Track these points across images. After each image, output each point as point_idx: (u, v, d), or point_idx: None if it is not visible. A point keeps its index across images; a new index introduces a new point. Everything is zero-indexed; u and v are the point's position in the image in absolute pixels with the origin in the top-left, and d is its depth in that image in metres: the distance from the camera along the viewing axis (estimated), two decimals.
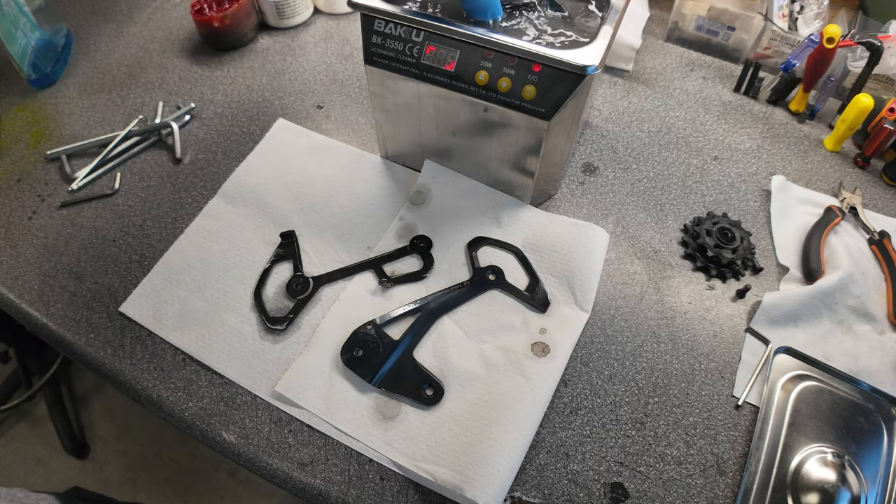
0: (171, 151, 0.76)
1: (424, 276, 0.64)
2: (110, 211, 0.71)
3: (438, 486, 0.50)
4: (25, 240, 0.68)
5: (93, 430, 1.33)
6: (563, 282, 0.63)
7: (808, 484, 0.52)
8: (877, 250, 0.66)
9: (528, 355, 0.57)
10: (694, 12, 0.85)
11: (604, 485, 0.52)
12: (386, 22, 0.58)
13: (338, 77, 0.85)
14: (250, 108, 0.81)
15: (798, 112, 0.80)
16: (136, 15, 0.95)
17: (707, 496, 0.52)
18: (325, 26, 0.92)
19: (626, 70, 0.85)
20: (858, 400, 0.56)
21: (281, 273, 0.64)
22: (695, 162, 0.75)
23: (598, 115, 0.80)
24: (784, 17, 0.81)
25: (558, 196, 0.72)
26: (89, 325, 0.61)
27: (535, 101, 0.55)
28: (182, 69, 0.86)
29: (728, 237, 0.66)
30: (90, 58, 0.88)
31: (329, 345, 0.58)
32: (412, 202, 0.70)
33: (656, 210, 0.71)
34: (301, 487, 0.53)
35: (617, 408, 0.56)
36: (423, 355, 0.58)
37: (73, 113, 0.81)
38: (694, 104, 0.82)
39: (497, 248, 0.66)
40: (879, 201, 0.72)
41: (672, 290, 0.64)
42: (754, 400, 0.57)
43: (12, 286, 0.64)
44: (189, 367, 0.59)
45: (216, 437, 0.55)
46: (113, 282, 0.64)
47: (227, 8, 0.84)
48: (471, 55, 0.56)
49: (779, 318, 0.61)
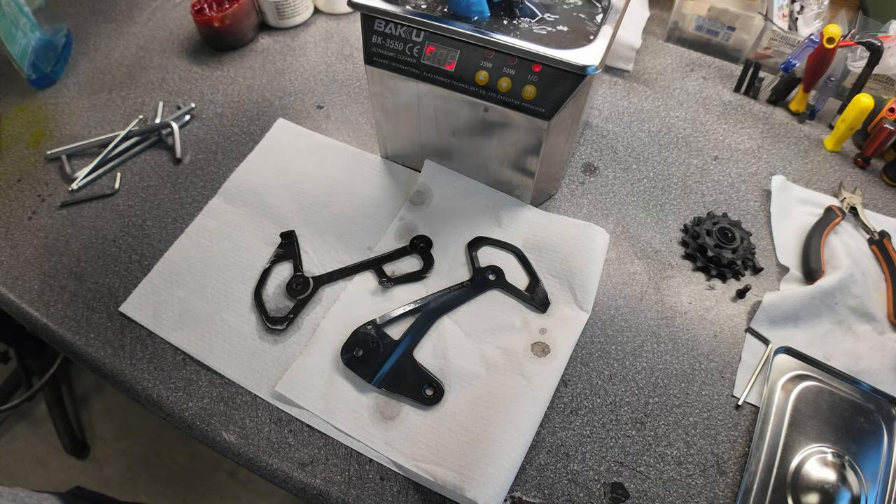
0: (171, 151, 0.76)
1: (424, 276, 0.64)
2: (110, 211, 0.71)
3: (438, 486, 0.50)
4: (25, 240, 0.68)
5: (93, 429, 1.33)
6: (564, 282, 0.63)
7: (808, 484, 0.52)
8: (877, 250, 0.66)
9: (528, 355, 0.57)
10: (694, 12, 0.85)
11: (604, 485, 0.52)
12: (386, 22, 0.58)
13: (338, 77, 0.85)
14: (250, 108, 0.81)
15: (798, 112, 0.80)
16: (137, 15, 0.95)
17: (707, 496, 0.52)
18: (325, 26, 0.92)
19: (626, 70, 0.85)
20: (858, 400, 0.56)
21: (281, 273, 0.64)
22: (695, 162, 0.75)
23: (599, 115, 0.80)
24: (784, 17, 0.81)
25: (558, 196, 0.72)
26: (89, 325, 0.61)
27: (535, 101, 0.55)
28: (182, 69, 0.86)
29: (728, 237, 0.66)
30: (90, 58, 0.88)
31: (329, 345, 0.58)
32: (412, 202, 0.70)
33: (656, 210, 0.71)
34: (301, 487, 0.53)
35: (617, 408, 0.56)
36: (423, 355, 0.58)
37: (73, 113, 0.81)
38: (694, 104, 0.82)
39: (497, 248, 0.66)
40: (879, 201, 0.72)
41: (672, 290, 0.64)
42: (754, 400, 0.57)
43: (12, 286, 0.64)
44: (189, 367, 0.59)
45: (216, 437, 0.55)
46: (113, 282, 0.64)
47: (228, 8, 0.84)
48: (471, 55, 0.56)
49: (779, 318, 0.61)
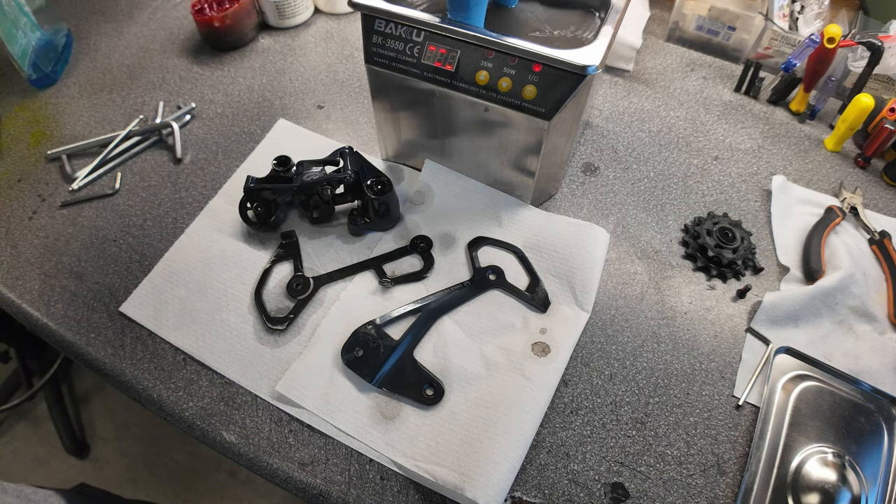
0: (171, 151, 0.76)
1: (425, 276, 0.64)
2: (111, 211, 0.71)
3: (439, 486, 0.50)
4: (26, 240, 0.68)
5: (93, 429, 1.33)
6: (564, 282, 0.63)
7: (808, 484, 0.52)
8: (877, 250, 0.66)
9: (529, 355, 0.57)
10: (694, 12, 0.85)
11: (604, 485, 0.52)
12: (386, 22, 0.58)
13: (338, 77, 0.85)
14: (251, 107, 0.81)
15: (799, 112, 0.80)
16: (137, 15, 0.95)
17: (707, 496, 0.52)
18: (325, 26, 0.92)
19: (626, 70, 0.85)
20: (859, 400, 0.56)
21: (281, 273, 0.64)
22: (695, 162, 0.75)
23: (599, 114, 0.80)
24: (784, 17, 0.81)
25: (559, 196, 0.72)
26: (90, 325, 0.61)
27: (535, 100, 0.55)
28: (182, 69, 0.86)
29: (728, 237, 0.66)
30: (91, 57, 0.88)
31: (329, 345, 0.58)
32: (413, 202, 0.70)
33: (657, 210, 0.71)
34: (301, 487, 0.53)
35: (617, 408, 0.56)
36: (423, 355, 0.58)
37: (73, 113, 0.81)
38: (694, 104, 0.82)
39: (497, 247, 0.66)
40: (880, 201, 0.72)
41: (672, 290, 0.64)
42: (755, 400, 0.57)
43: (13, 286, 0.64)
44: (189, 367, 0.59)
45: (217, 436, 0.55)
46: (113, 282, 0.64)
47: (228, 8, 0.84)
48: (471, 55, 0.56)
49: (779, 318, 0.61)
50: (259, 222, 0.66)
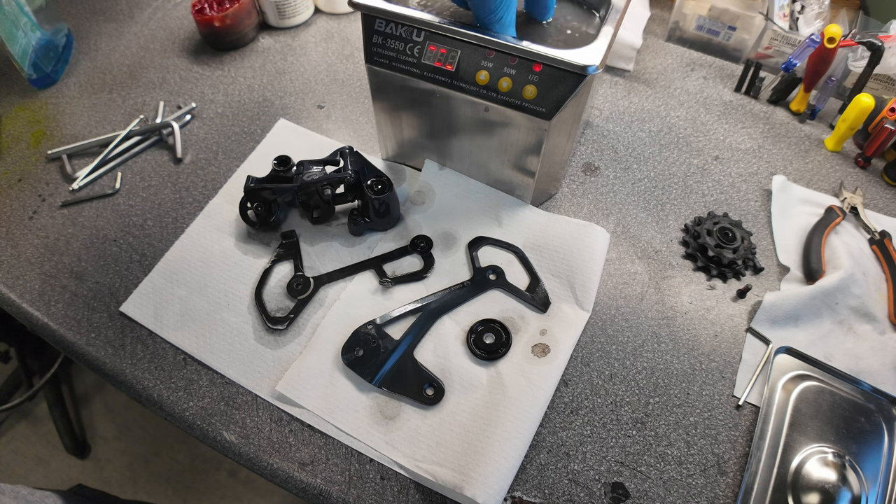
0: (171, 151, 0.76)
1: (425, 275, 0.64)
2: (111, 211, 0.71)
3: (439, 485, 0.50)
4: (26, 239, 0.68)
5: (93, 429, 1.33)
6: (564, 282, 0.63)
7: (808, 484, 0.52)
8: (877, 250, 0.66)
9: (529, 355, 0.57)
10: (695, 12, 0.85)
11: (604, 485, 0.52)
12: (387, 22, 0.58)
13: (338, 77, 0.85)
14: (251, 107, 0.81)
15: (799, 112, 0.80)
16: (137, 14, 0.95)
17: (708, 496, 0.52)
18: (325, 26, 0.92)
19: (626, 70, 0.85)
20: (859, 400, 0.56)
21: (281, 273, 0.64)
22: (695, 162, 0.75)
23: (599, 114, 0.80)
24: (785, 17, 0.81)
25: (559, 196, 0.72)
26: (90, 325, 0.61)
27: (535, 100, 0.55)
28: (183, 69, 0.86)
29: (729, 237, 0.66)
30: (91, 57, 0.88)
31: (330, 345, 0.58)
32: (413, 202, 0.70)
33: (657, 210, 0.71)
34: (302, 487, 0.53)
35: (617, 408, 0.56)
36: (423, 355, 0.58)
37: (73, 113, 0.81)
38: (695, 104, 0.82)
39: (498, 247, 0.66)
40: (880, 201, 0.72)
41: (673, 289, 0.64)
42: (755, 400, 0.57)
43: (13, 286, 0.64)
44: (190, 367, 0.59)
45: (217, 436, 0.55)
46: (114, 281, 0.64)
47: (228, 7, 0.84)
48: (471, 55, 0.56)
49: (779, 318, 0.61)
50: (259, 222, 0.66)
